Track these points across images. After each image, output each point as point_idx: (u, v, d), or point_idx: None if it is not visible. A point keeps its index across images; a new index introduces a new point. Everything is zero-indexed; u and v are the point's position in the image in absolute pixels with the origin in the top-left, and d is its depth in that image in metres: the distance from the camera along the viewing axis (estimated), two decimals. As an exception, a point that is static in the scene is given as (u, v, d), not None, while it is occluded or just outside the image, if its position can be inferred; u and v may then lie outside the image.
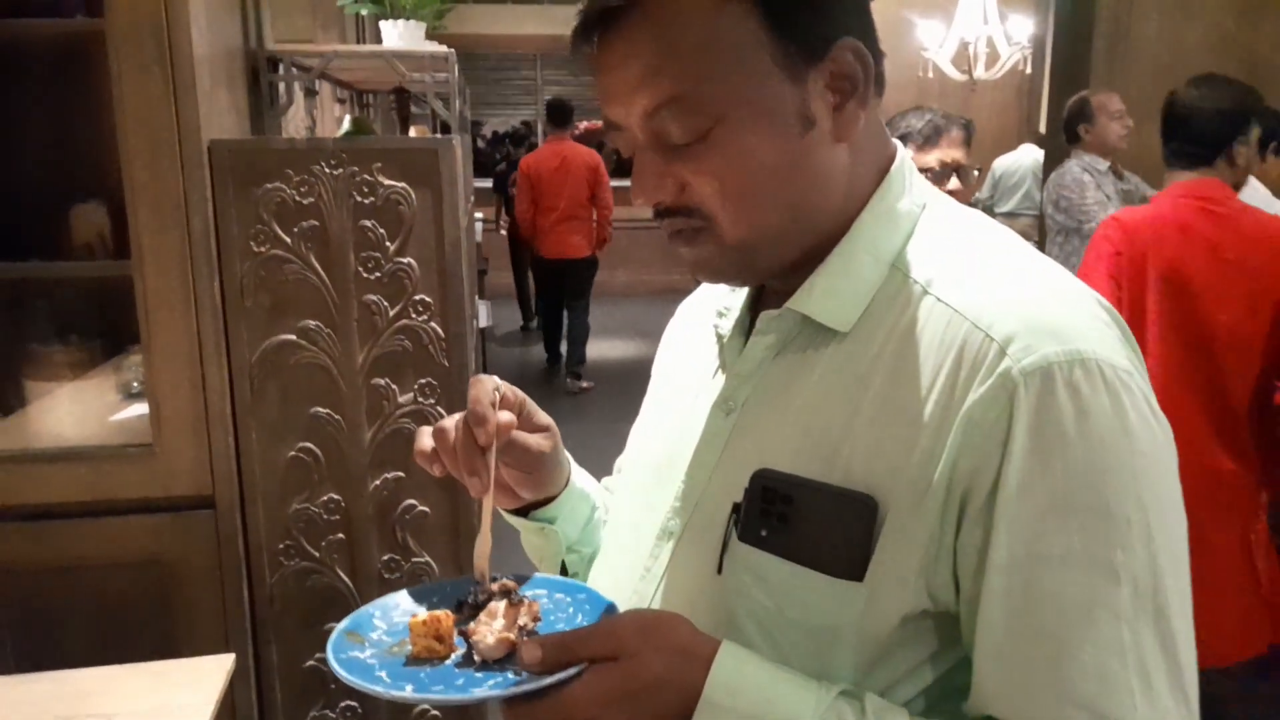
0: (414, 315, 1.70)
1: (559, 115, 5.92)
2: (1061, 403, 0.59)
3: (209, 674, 1.30)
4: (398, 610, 0.72)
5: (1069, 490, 0.58)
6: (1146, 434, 0.60)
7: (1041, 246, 4.09)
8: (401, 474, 1.74)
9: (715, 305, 0.81)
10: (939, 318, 0.65)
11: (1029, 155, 6.36)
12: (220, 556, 1.71)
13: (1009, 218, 6.46)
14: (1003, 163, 6.68)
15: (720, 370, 0.77)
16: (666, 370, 0.88)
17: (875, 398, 0.65)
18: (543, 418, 0.82)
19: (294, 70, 2.14)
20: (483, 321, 4.83)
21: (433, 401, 1.72)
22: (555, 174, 5.79)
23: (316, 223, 1.67)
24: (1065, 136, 3.92)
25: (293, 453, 1.73)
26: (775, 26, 0.64)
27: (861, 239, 0.70)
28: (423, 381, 1.72)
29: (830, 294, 0.69)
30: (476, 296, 3.72)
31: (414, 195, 1.69)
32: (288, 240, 1.67)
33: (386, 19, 2.66)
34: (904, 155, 0.74)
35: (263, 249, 1.67)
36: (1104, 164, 3.71)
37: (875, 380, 0.65)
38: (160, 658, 1.34)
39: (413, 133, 3.25)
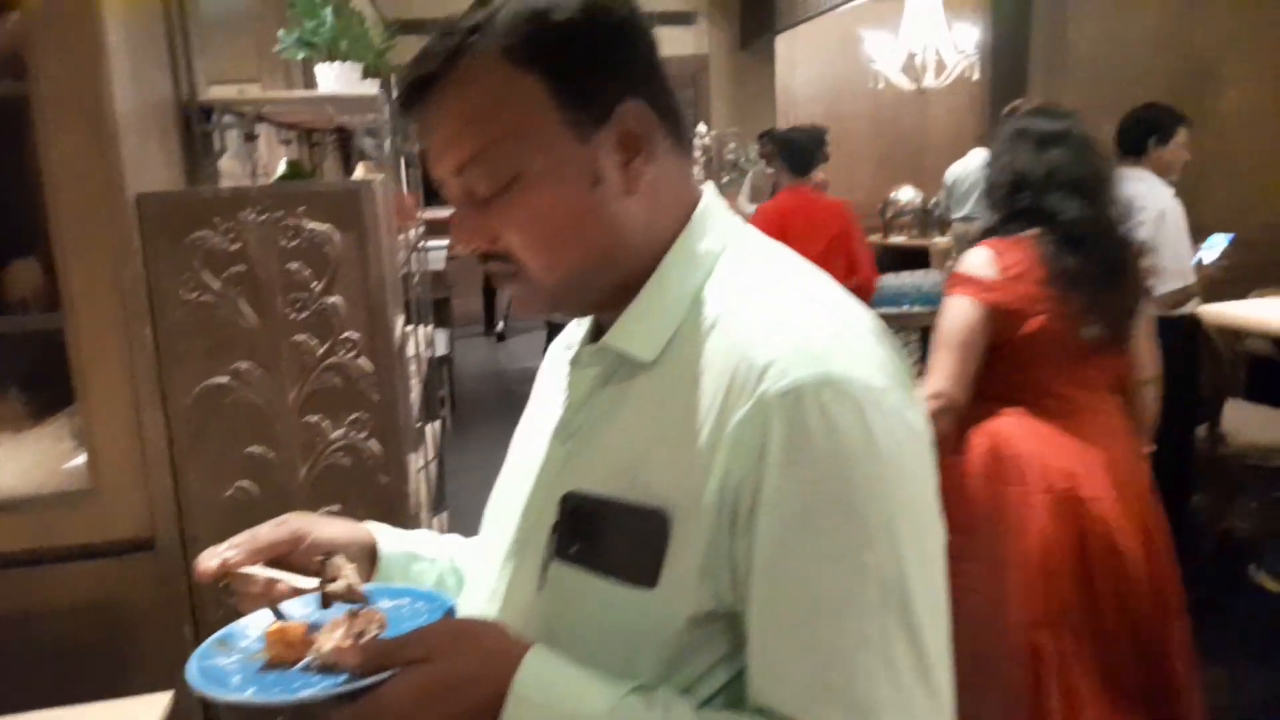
0: (342, 353, 1.76)
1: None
2: (811, 421, 0.66)
3: (144, 713, 1.34)
4: (268, 620, 0.79)
5: (819, 498, 0.65)
6: (893, 445, 0.68)
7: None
8: (337, 506, 1.79)
9: (570, 339, 0.90)
10: (722, 348, 0.72)
11: (979, 160, 6.48)
12: (163, 597, 1.75)
13: (965, 222, 6.57)
14: (955, 170, 6.78)
15: (564, 401, 0.85)
16: (532, 404, 0.95)
17: (670, 421, 0.72)
18: (329, 534, 0.88)
19: (226, 118, 2.19)
20: (440, 350, 4.88)
21: (364, 435, 1.78)
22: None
23: (244, 267, 1.73)
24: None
25: (230, 491, 1.78)
26: (561, 95, 0.72)
27: (667, 278, 0.78)
28: (354, 417, 1.78)
29: (638, 329, 0.77)
30: (432, 326, 3.77)
31: (338, 236, 1.74)
32: (217, 286, 1.72)
33: (322, 62, 2.72)
34: (709, 200, 0.82)
35: (193, 296, 1.72)
36: None
37: (670, 406, 0.73)
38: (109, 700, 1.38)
39: (360, 170, 3.30)
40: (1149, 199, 3.06)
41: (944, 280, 4.94)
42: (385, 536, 0.95)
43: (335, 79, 2.65)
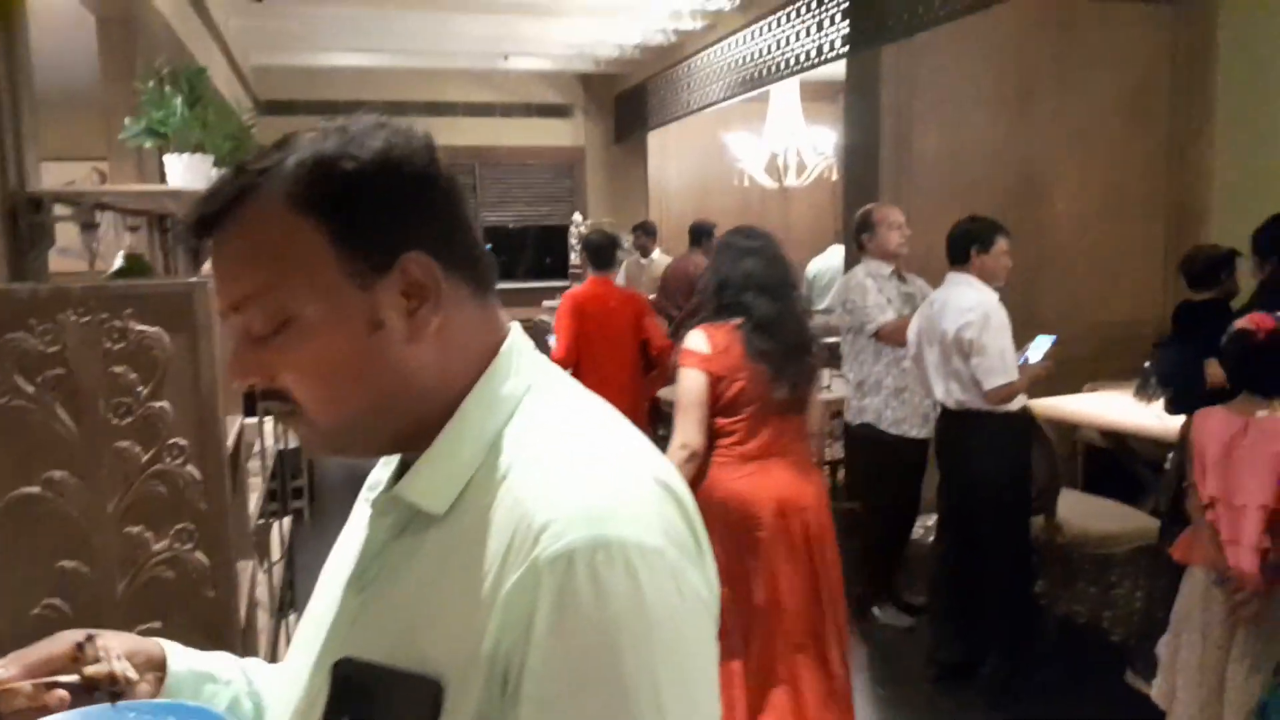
0: (168, 459, 1.68)
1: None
2: (580, 586, 0.64)
3: None
4: None
5: (585, 669, 0.64)
6: (666, 612, 0.66)
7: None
8: (158, 623, 1.69)
9: (377, 478, 0.87)
10: (508, 503, 0.70)
11: (838, 256, 6.78)
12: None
13: (825, 314, 6.84)
14: (815, 264, 7.10)
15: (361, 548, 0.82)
16: (342, 537, 0.91)
17: (452, 582, 0.70)
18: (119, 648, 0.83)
19: (59, 208, 2.11)
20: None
21: (190, 547, 1.69)
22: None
23: (63, 371, 1.64)
24: (856, 244, 4.24)
25: (38, 610, 1.66)
26: (341, 243, 0.72)
27: (466, 422, 0.76)
28: (179, 527, 1.69)
29: (430, 477, 0.75)
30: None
31: (168, 339, 1.68)
32: (31, 391, 1.63)
33: (172, 152, 2.65)
34: (515, 340, 0.81)
35: (3, 400, 1.62)
36: (887, 269, 4.01)
37: (455, 565, 0.71)
38: None
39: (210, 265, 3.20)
40: (974, 302, 3.25)
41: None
42: (176, 654, 0.89)
43: (185, 170, 2.59)
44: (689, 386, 2.55)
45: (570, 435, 0.75)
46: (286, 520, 3.49)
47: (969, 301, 3.29)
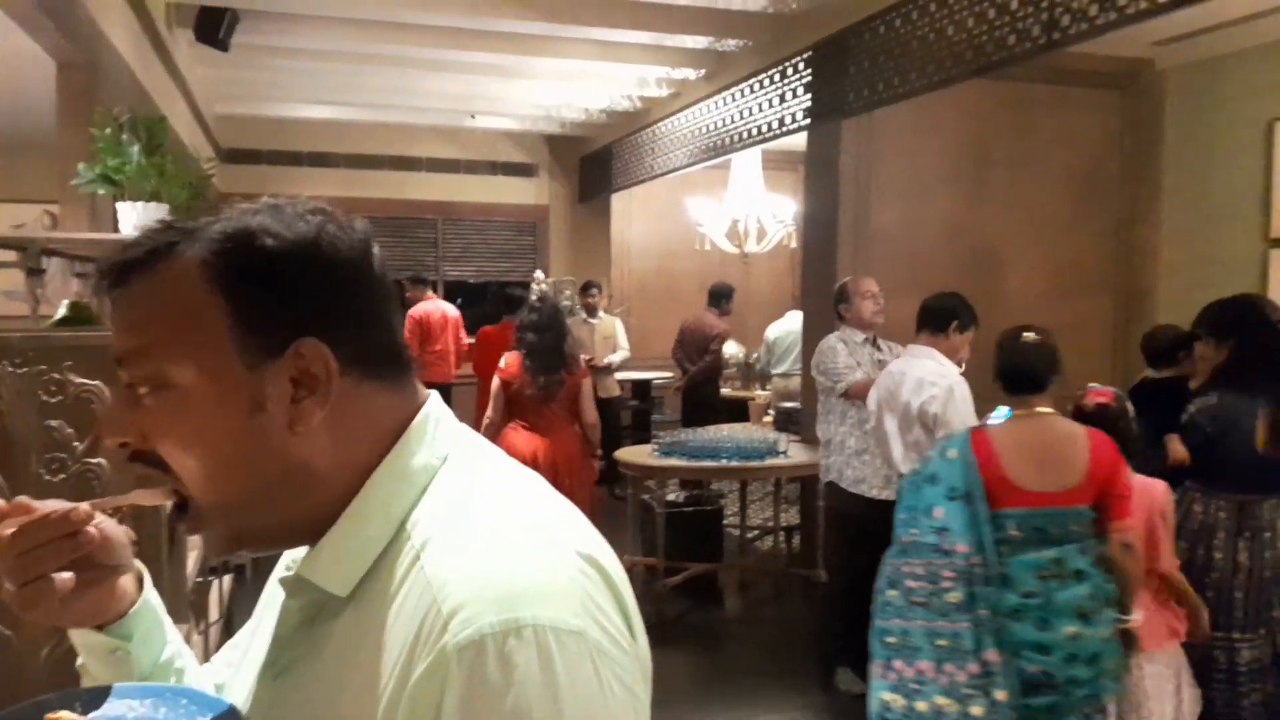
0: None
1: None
2: (490, 676, 0.61)
3: None
4: None
5: None
6: (581, 695, 0.63)
7: (812, 402, 4.40)
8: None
9: (293, 556, 0.82)
10: (418, 586, 0.66)
11: (797, 321, 6.85)
12: None
13: (784, 378, 6.89)
14: (775, 329, 7.16)
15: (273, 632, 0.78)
16: (255, 614, 0.87)
17: (361, 672, 0.67)
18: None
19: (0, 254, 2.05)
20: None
21: (119, 612, 1.62)
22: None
23: (-5, 423, 1.58)
24: (835, 314, 4.31)
25: (-47, 676, 1.57)
26: (238, 319, 0.70)
27: (374, 499, 0.72)
28: (109, 590, 1.62)
29: (332, 556, 0.72)
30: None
31: (108, 392, 1.63)
32: (-41, 443, 1.56)
33: (125, 201, 2.61)
34: (431, 409, 0.77)
35: (-71, 453, 1.55)
36: (861, 336, 4.08)
37: (362, 653, 0.67)
38: None
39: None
40: (938, 376, 3.28)
41: (761, 435, 5.09)
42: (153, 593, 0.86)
43: (138, 218, 2.55)
44: (496, 386, 4.44)
45: (487, 511, 0.71)
46: (227, 578, 3.37)
47: (932, 374, 3.31)
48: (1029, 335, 2.48)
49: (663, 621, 4.59)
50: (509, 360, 4.42)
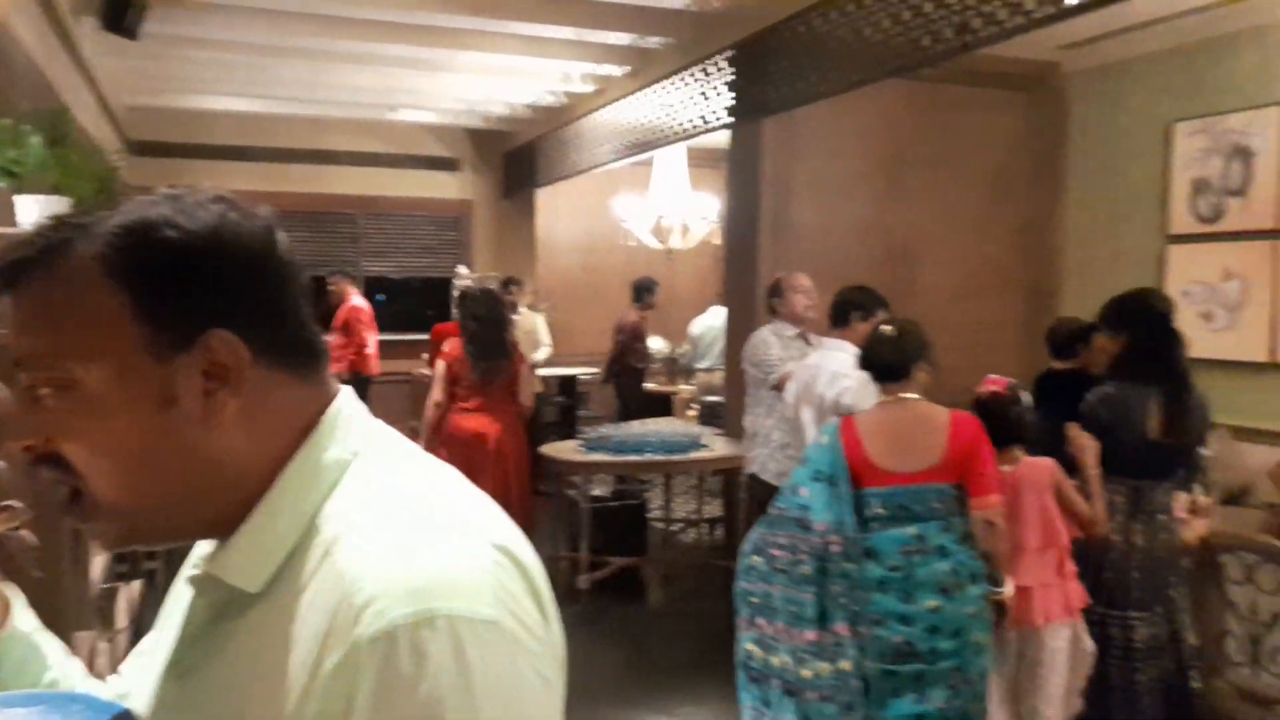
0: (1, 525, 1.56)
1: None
2: (403, 667, 0.61)
3: None
4: None
5: None
6: (496, 685, 0.63)
7: (740, 397, 4.48)
8: (-22, 702, 1.56)
9: (200, 553, 0.80)
10: (330, 581, 0.66)
11: (720, 316, 6.93)
12: None
13: (708, 372, 6.97)
14: (698, 324, 7.23)
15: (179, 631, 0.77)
16: (160, 617, 0.86)
17: (271, 667, 0.66)
18: None
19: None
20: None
21: (19, 618, 1.57)
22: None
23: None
24: (768, 308, 4.39)
25: None
26: (143, 313, 0.69)
27: (285, 494, 0.72)
28: (8, 596, 1.57)
29: (243, 553, 0.71)
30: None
31: (5, 392, 1.58)
32: None
33: (23, 193, 2.52)
34: (342, 404, 0.77)
35: None
36: (793, 330, 4.16)
37: (273, 650, 0.66)
38: None
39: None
40: (850, 367, 3.35)
41: (685, 429, 5.14)
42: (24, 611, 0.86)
43: (38, 211, 2.46)
44: (439, 368, 4.71)
45: (399, 504, 0.70)
46: (136, 584, 3.28)
47: (845, 366, 3.39)
48: (887, 329, 2.63)
49: (587, 616, 4.61)
50: (451, 345, 4.73)
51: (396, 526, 0.68)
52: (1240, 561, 2.75)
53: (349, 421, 0.76)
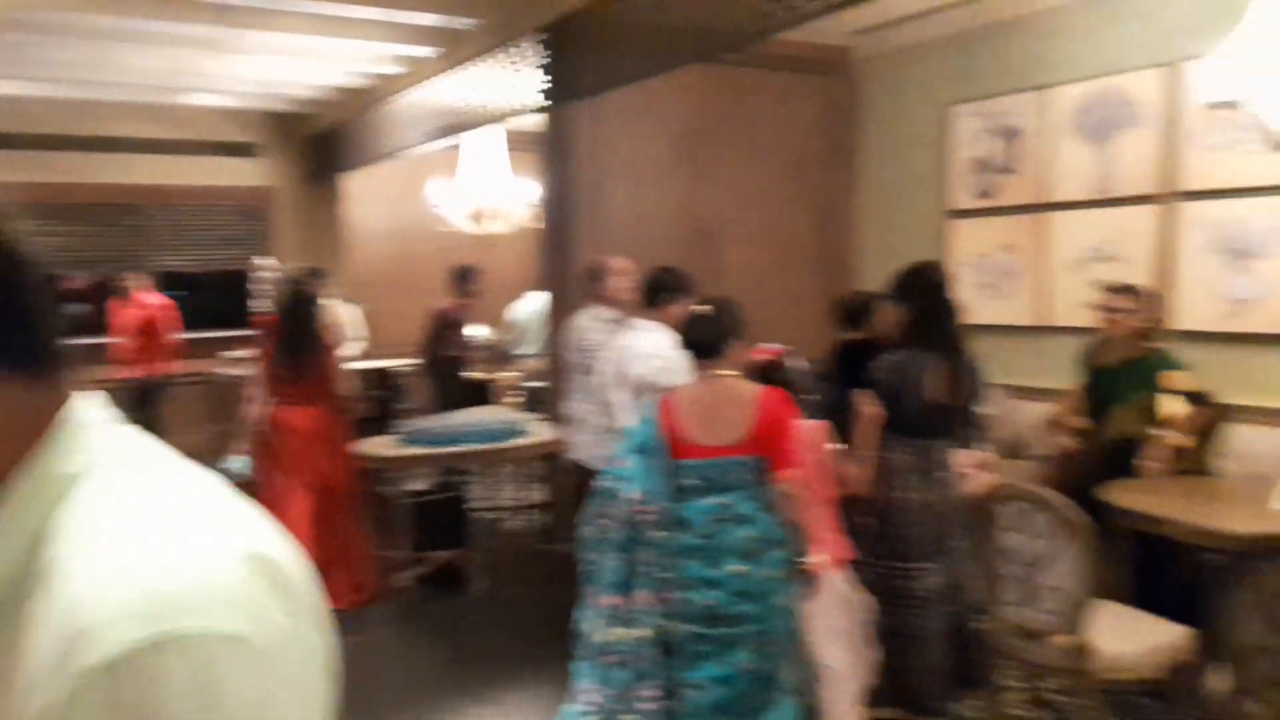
0: None
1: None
2: (133, 698, 0.56)
3: None
4: None
5: None
6: (245, 706, 0.59)
7: (561, 382, 4.47)
8: None
9: None
10: (51, 607, 0.61)
11: (538, 302, 6.93)
12: None
13: (530, 359, 6.95)
14: (518, 310, 7.20)
15: None
16: None
17: None
18: None
19: None
20: None
21: None
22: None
23: None
24: (587, 292, 4.39)
25: None
26: None
27: (6, 510, 0.66)
28: None
29: None
30: None
31: None
32: None
33: None
34: (73, 413, 0.72)
35: None
36: (611, 314, 4.17)
37: None
38: None
39: None
40: (660, 348, 3.44)
41: (506, 416, 5.10)
42: None
43: None
44: (255, 369, 4.79)
45: (134, 517, 0.65)
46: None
47: (655, 346, 3.46)
48: (704, 308, 2.72)
49: (407, 613, 4.53)
50: (265, 341, 4.80)
51: (128, 541, 0.63)
52: (1014, 510, 2.99)
53: (83, 430, 0.70)
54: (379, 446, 4.89)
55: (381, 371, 7.45)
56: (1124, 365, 3.81)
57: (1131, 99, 4.86)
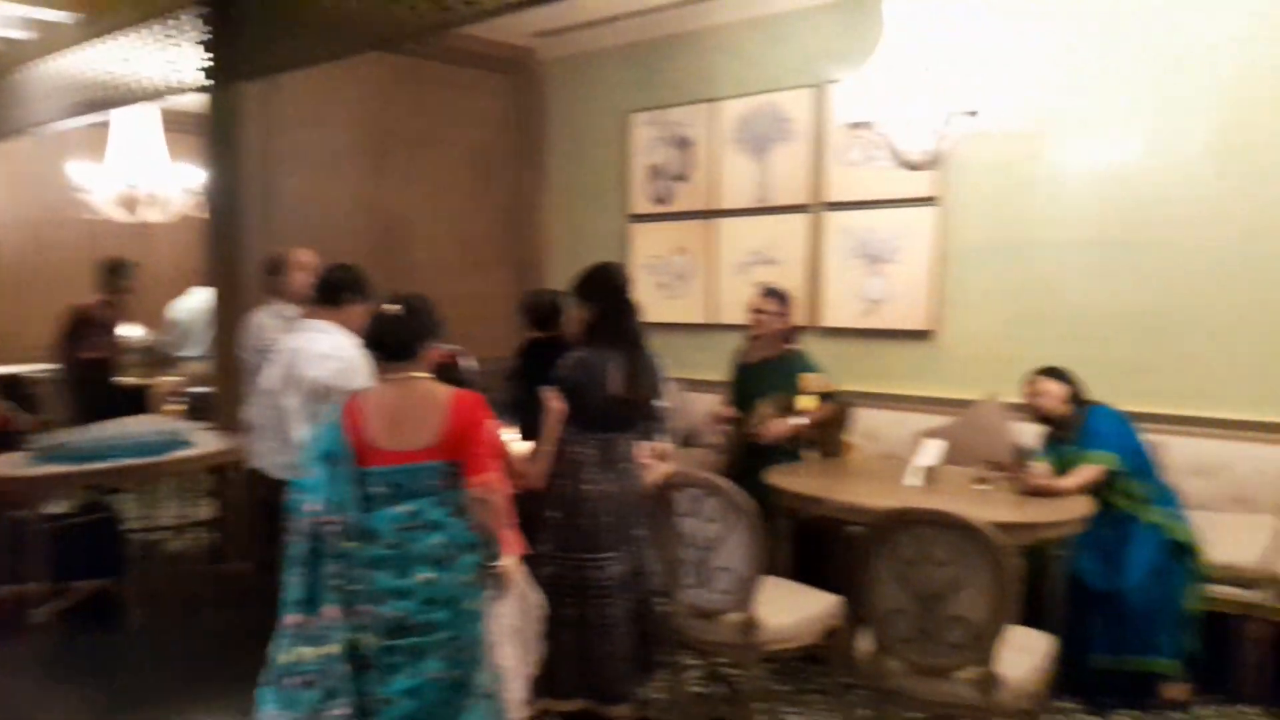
0: None
1: None
2: None
3: None
4: None
5: None
6: None
7: (233, 387, 4.12)
8: None
9: None
10: None
11: (202, 299, 6.35)
12: None
13: (194, 361, 6.36)
14: (180, 308, 6.58)
15: None
16: None
17: None
18: None
19: None
20: None
21: None
22: None
23: None
24: (266, 287, 4.05)
25: None
26: None
27: None
28: None
29: None
30: None
31: None
32: None
33: None
34: None
35: None
36: (294, 311, 3.89)
37: None
38: None
39: None
40: (336, 349, 3.25)
41: (165, 426, 4.64)
42: None
43: None
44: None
45: None
46: None
47: (329, 347, 3.29)
48: (391, 307, 2.61)
49: (46, 654, 3.98)
50: None
51: None
52: (688, 496, 3.18)
53: None
54: (5, 465, 4.24)
55: (8, 379, 6.47)
56: (767, 363, 4.18)
57: (787, 115, 5.34)
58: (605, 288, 3.43)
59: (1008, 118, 3.86)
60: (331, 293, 3.43)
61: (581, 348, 3.37)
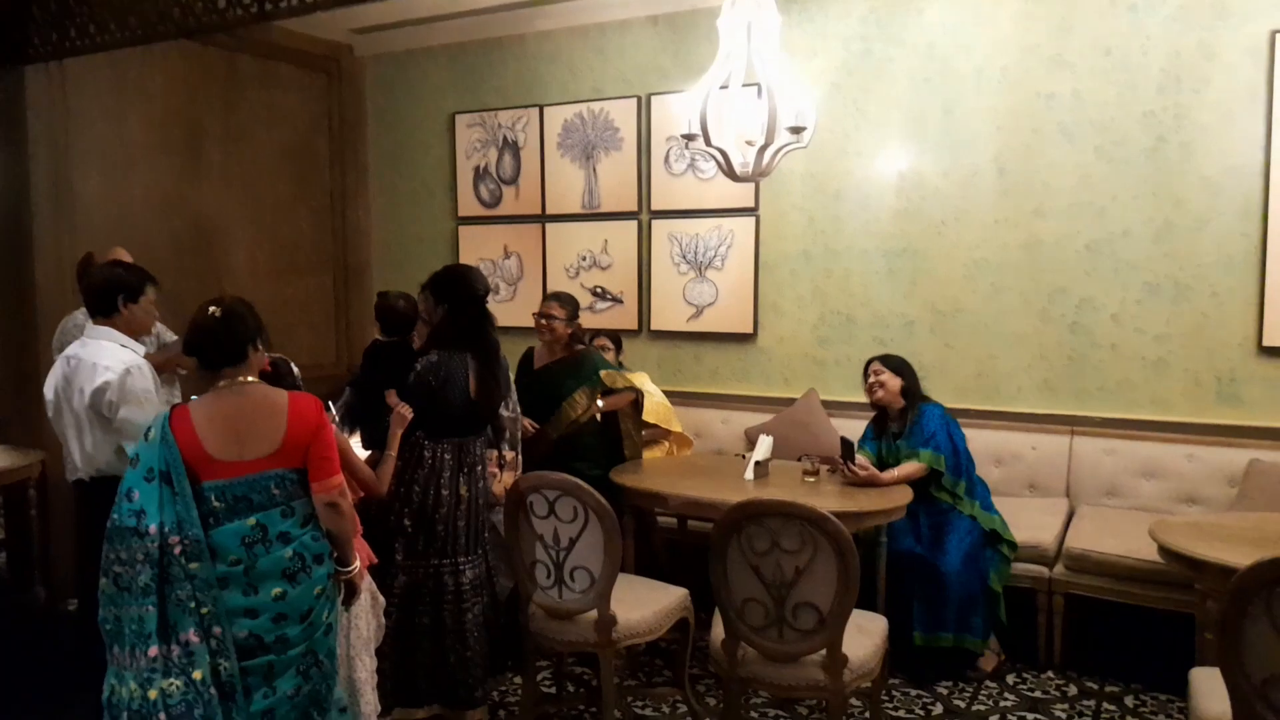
0: None
1: None
2: None
3: None
4: None
5: None
6: None
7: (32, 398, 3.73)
8: None
9: None
10: None
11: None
12: None
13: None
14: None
15: None
16: None
17: None
18: None
19: None
20: None
21: None
22: None
23: None
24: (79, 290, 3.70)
25: None
26: None
27: None
28: None
29: None
30: None
31: None
32: None
33: None
34: None
35: None
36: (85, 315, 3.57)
37: None
38: None
39: None
40: (115, 359, 2.99)
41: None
42: None
43: None
44: None
45: None
46: None
47: (108, 358, 3.02)
48: (213, 309, 2.46)
49: None
50: None
51: None
52: (543, 499, 3.22)
53: None
54: None
55: None
56: (560, 365, 4.18)
57: (613, 124, 5.48)
58: (462, 291, 3.40)
59: (818, 134, 4.12)
60: (109, 297, 3.09)
61: (434, 350, 3.34)
